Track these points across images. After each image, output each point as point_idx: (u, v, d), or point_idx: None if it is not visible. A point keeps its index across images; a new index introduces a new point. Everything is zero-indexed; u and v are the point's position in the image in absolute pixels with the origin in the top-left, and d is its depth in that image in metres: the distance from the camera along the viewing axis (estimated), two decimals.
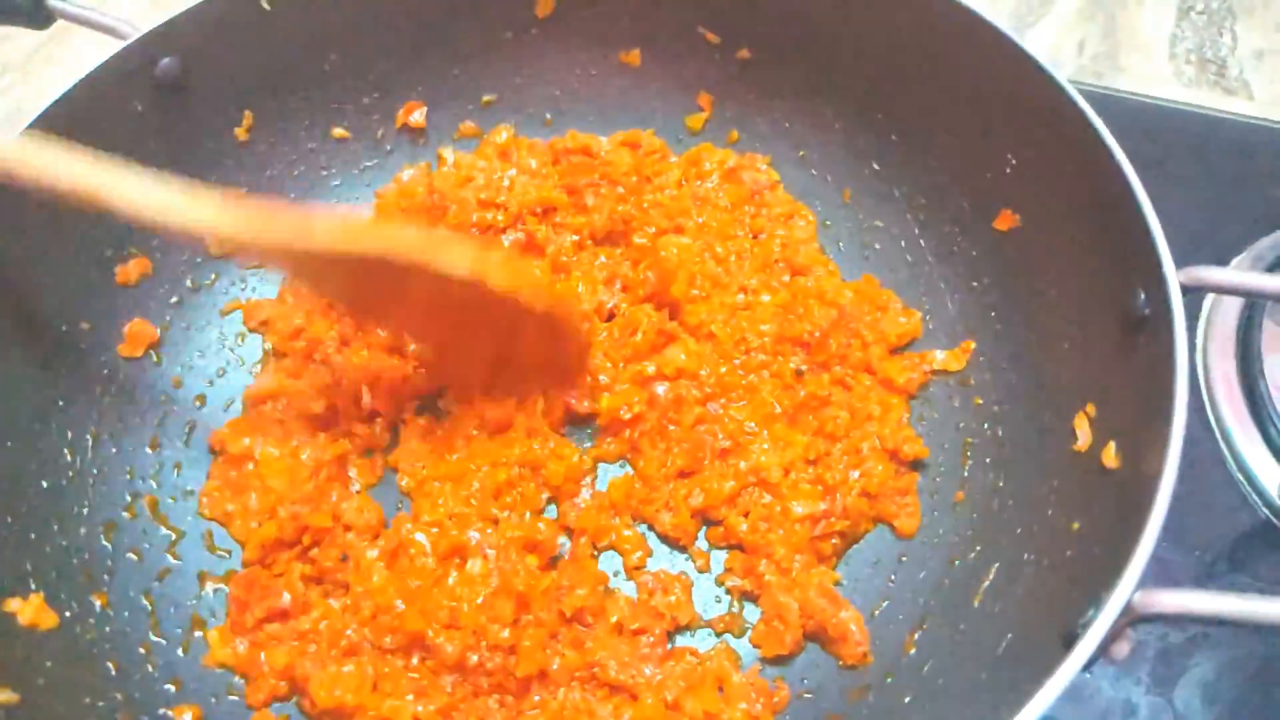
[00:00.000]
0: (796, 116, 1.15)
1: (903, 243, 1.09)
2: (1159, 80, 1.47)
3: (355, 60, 1.12)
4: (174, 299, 1.06)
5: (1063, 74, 0.90)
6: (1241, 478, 1.06)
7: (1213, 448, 1.08)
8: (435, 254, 0.84)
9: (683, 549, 0.95)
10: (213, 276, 1.09)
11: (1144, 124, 1.38)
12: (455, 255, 0.85)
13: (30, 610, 0.82)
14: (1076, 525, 0.80)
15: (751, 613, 0.92)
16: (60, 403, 0.94)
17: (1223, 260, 1.20)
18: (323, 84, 1.12)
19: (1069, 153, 0.89)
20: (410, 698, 0.83)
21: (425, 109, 1.17)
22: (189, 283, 1.08)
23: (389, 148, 1.18)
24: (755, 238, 1.11)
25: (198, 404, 1.03)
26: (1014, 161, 0.97)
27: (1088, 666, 0.64)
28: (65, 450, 0.94)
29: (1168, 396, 0.72)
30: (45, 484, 0.91)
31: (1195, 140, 1.36)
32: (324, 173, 1.16)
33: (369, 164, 1.17)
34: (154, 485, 0.97)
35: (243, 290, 1.10)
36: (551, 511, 0.97)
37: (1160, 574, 0.66)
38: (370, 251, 0.84)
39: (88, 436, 0.96)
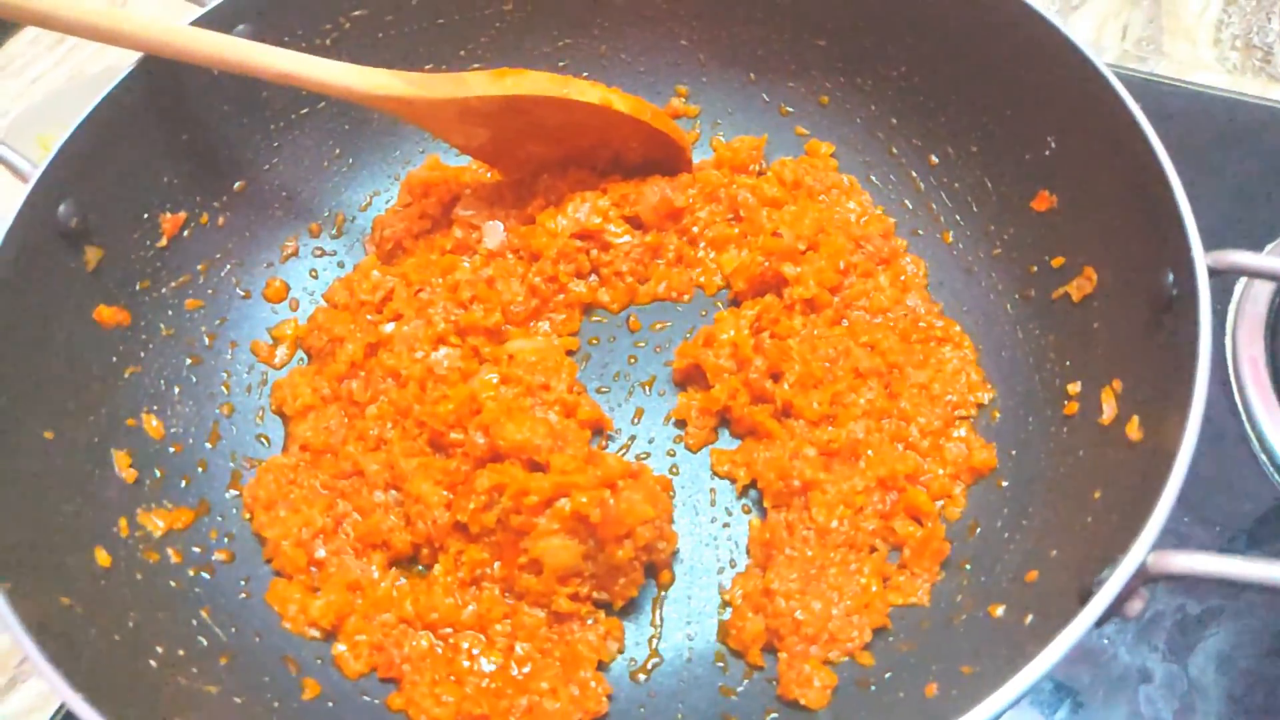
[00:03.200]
0: (837, 95, 1.19)
1: (941, 219, 1.13)
2: (1203, 66, 1.48)
3: None
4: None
5: (1105, 59, 0.93)
6: (1265, 459, 1.09)
7: (1238, 429, 1.11)
8: (568, 89, 1.06)
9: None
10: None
11: (1185, 110, 1.40)
12: (585, 89, 1.06)
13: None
14: (1098, 494, 0.83)
15: None
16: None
17: (1257, 247, 1.23)
18: None
19: (1106, 135, 0.91)
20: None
21: None
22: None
23: None
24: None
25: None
26: (1053, 144, 0.99)
27: (1102, 622, 0.68)
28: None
29: (1191, 373, 0.75)
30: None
31: (1235, 128, 1.37)
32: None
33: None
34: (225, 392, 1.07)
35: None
36: None
37: (1181, 548, 0.70)
38: (516, 92, 1.04)
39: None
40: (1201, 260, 0.79)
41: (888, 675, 0.87)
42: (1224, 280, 0.79)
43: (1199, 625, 1.01)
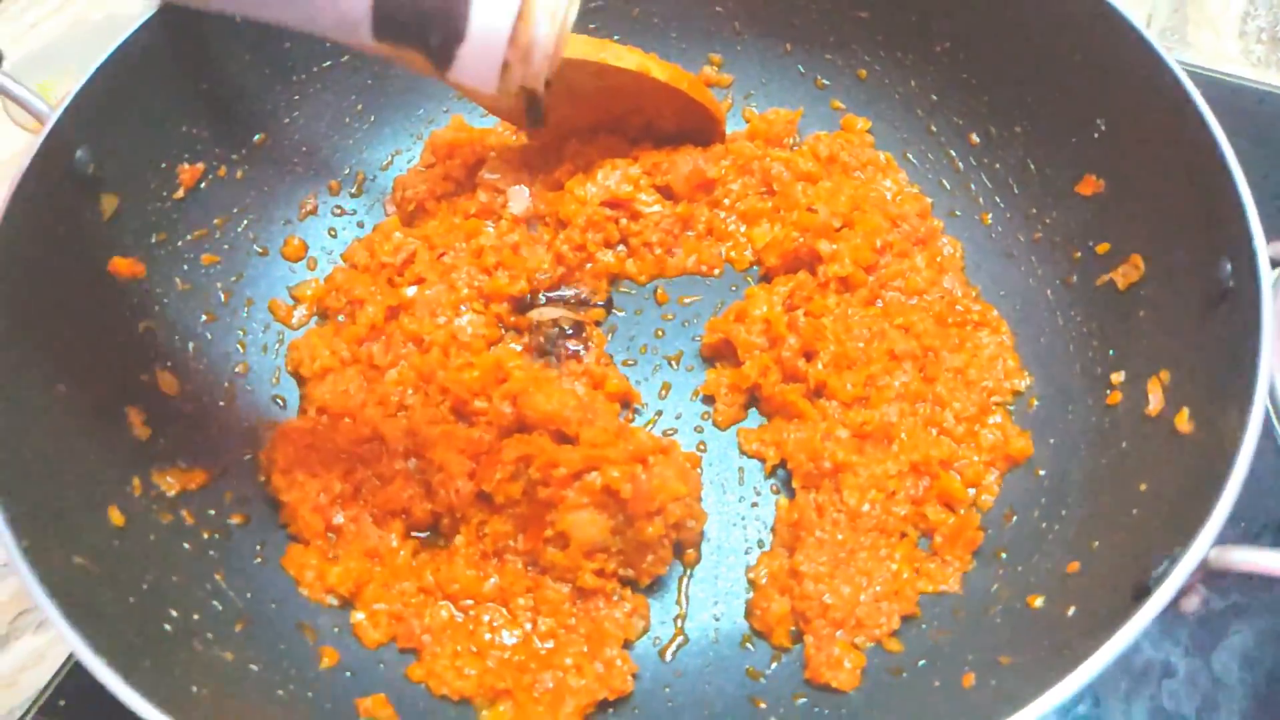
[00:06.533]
0: (876, 69, 1.17)
1: (981, 200, 1.11)
2: (1227, 59, 1.47)
3: None
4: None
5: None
6: None
7: (1263, 421, 1.09)
8: (605, 53, 1.02)
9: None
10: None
11: (1210, 100, 1.37)
12: (622, 54, 1.04)
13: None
14: (1144, 486, 0.82)
15: None
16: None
17: None
18: None
19: (1161, 119, 0.90)
20: None
21: None
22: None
23: None
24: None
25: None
26: (1103, 126, 0.97)
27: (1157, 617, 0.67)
28: None
29: (1251, 367, 0.74)
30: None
31: (1261, 119, 1.36)
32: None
33: None
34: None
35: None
36: None
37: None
38: None
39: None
40: (1264, 251, 0.77)
41: (921, 663, 0.85)
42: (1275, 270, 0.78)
43: (1223, 620, 1.00)
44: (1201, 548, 0.67)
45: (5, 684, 1.00)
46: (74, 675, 0.99)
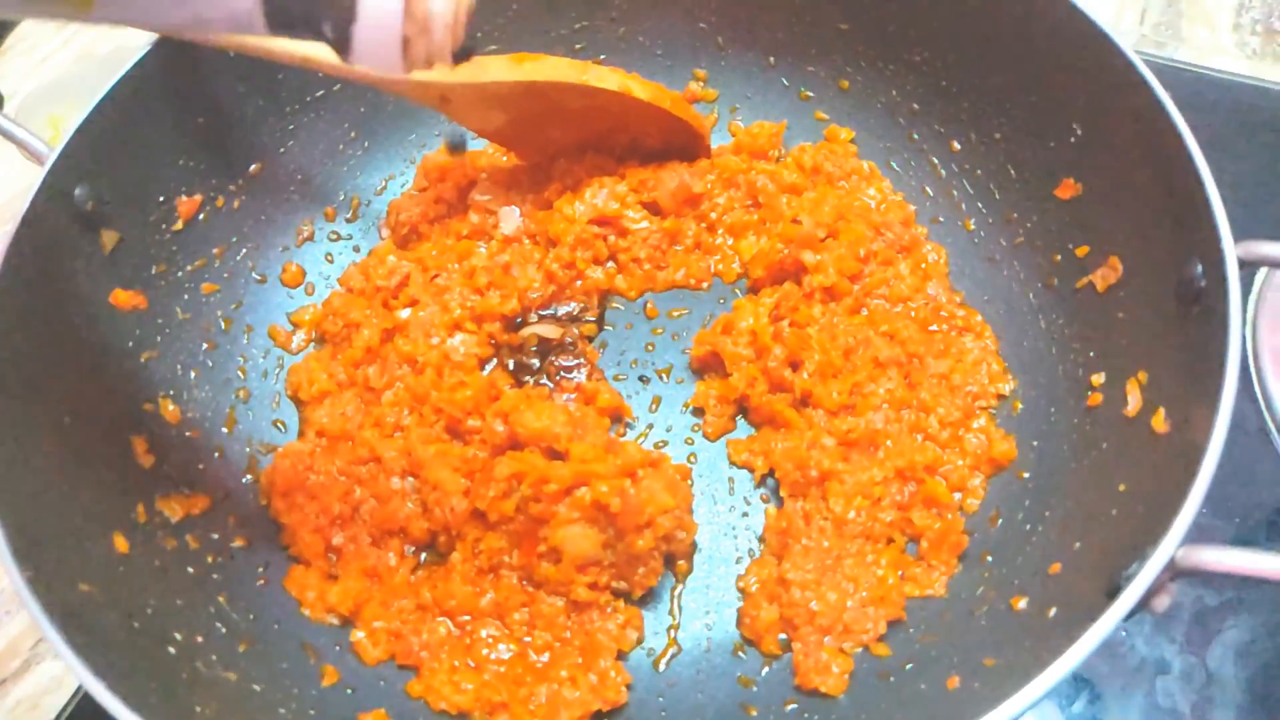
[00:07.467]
0: (858, 80, 1.18)
1: (963, 206, 1.12)
2: (1221, 52, 1.47)
3: None
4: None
5: (1123, 43, 0.92)
6: None
7: (1257, 420, 1.10)
8: (587, 75, 1.05)
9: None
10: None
11: (1203, 96, 1.38)
12: (604, 75, 1.06)
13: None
14: (1123, 486, 0.83)
15: None
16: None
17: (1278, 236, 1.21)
18: None
19: (1133, 124, 0.90)
20: None
21: None
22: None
23: None
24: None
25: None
26: (1079, 131, 0.98)
27: (1129, 617, 0.68)
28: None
29: (1219, 366, 0.74)
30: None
31: (1255, 114, 1.36)
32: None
33: None
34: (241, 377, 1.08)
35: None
36: None
37: (1200, 539, 0.70)
38: (534, 78, 1.03)
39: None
40: (1232, 251, 0.78)
41: (908, 667, 0.86)
42: (1247, 269, 0.78)
43: (1217, 617, 1.01)
44: (1169, 548, 0.68)
45: (28, 707, 1.03)
46: (90, 699, 1.01)
